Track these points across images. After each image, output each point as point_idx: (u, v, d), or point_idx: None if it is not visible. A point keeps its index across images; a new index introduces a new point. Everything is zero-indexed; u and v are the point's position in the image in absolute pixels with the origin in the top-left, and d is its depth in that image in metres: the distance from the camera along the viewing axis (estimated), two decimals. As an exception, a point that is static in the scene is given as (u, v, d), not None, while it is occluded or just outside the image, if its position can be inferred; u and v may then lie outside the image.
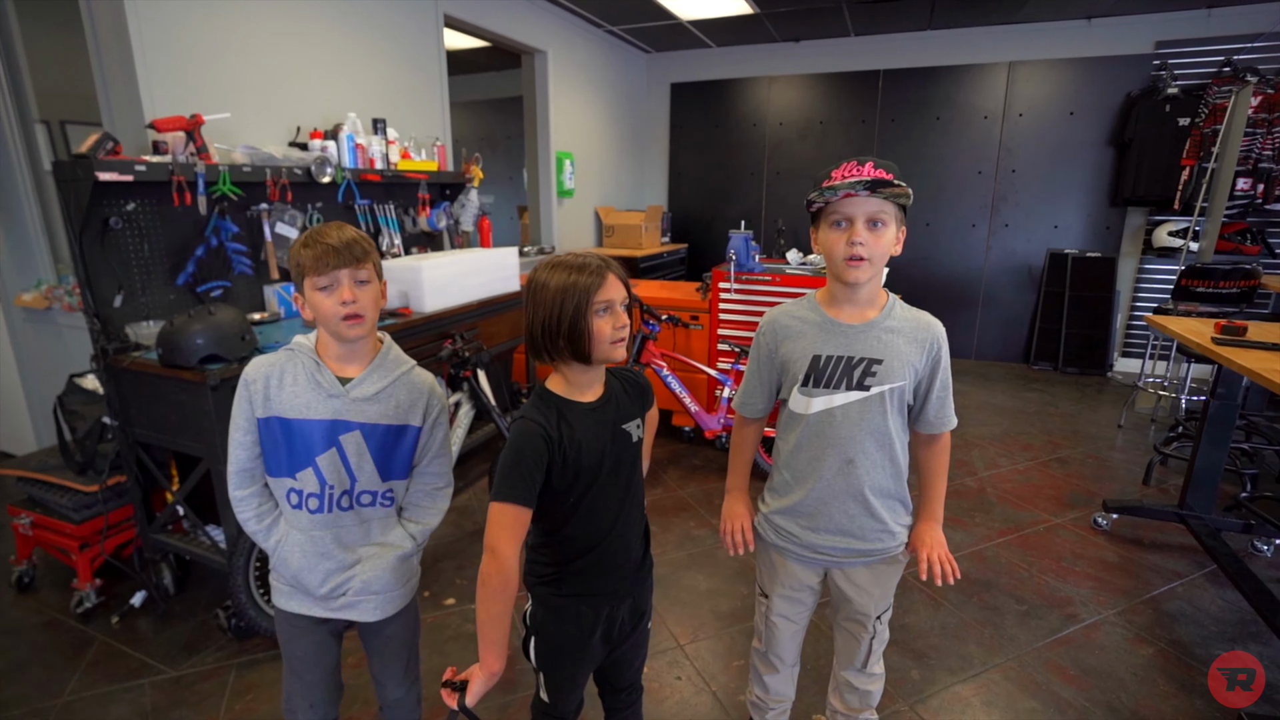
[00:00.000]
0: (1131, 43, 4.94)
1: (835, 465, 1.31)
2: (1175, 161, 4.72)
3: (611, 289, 1.14)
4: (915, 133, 5.63)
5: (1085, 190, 5.27)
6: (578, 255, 1.16)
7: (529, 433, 1.13)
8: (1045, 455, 3.74)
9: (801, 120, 6.00)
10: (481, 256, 3.22)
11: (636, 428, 1.27)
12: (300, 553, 1.30)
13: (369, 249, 1.25)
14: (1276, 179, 4.41)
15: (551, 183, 5.06)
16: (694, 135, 6.43)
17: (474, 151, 3.78)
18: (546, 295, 1.13)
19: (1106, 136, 5.10)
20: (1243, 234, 4.67)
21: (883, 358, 1.27)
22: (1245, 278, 3.67)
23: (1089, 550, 2.75)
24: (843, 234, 1.22)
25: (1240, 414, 3.09)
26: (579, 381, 1.20)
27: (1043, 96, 5.24)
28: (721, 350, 3.57)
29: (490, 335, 3.23)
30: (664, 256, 5.74)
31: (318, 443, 1.26)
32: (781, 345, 1.35)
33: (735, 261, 3.46)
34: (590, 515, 1.21)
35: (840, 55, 5.77)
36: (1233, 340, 2.32)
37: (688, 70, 6.32)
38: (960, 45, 5.39)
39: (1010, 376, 5.26)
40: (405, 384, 1.31)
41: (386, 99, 3.48)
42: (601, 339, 1.14)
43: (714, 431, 3.43)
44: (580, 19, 5.14)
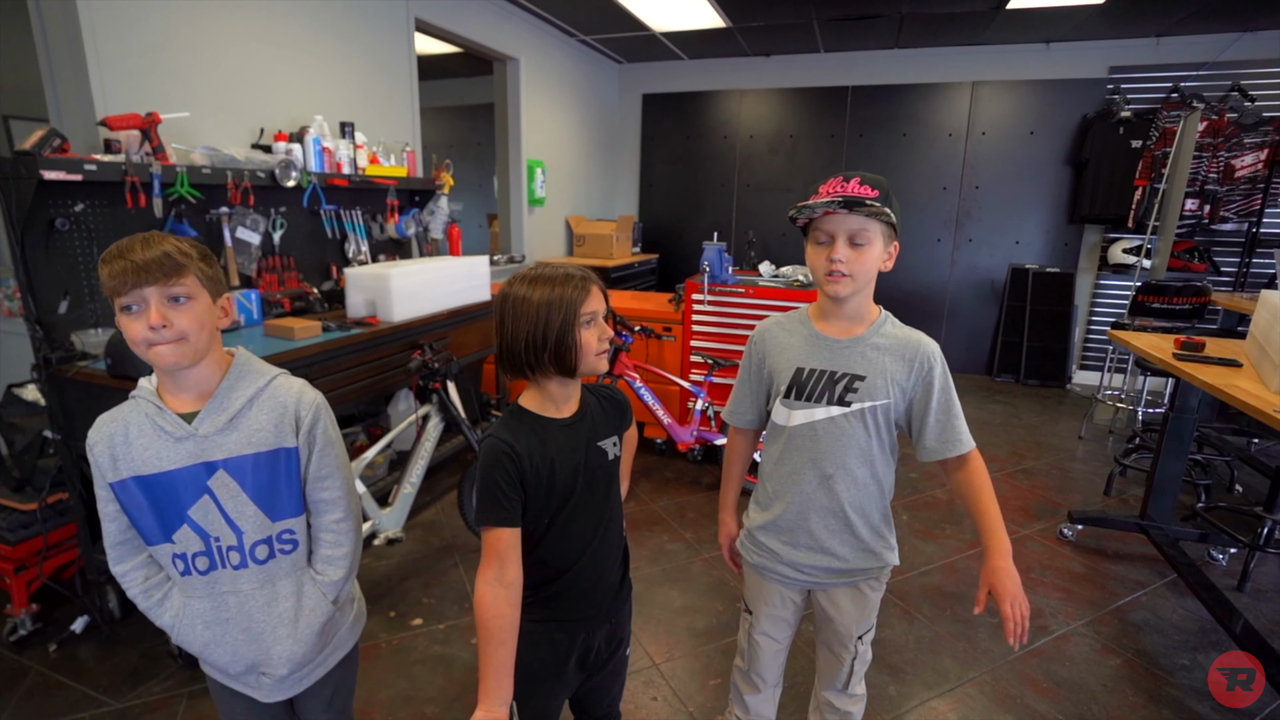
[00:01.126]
0: (1087, 67, 5.11)
1: (814, 480, 1.29)
2: (1129, 182, 4.88)
3: (595, 300, 1.13)
4: (882, 148, 5.73)
5: (1045, 207, 5.42)
6: (555, 267, 1.13)
7: (495, 451, 1.10)
8: (1011, 466, 3.80)
9: (772, 134, 6.05)
10: (451, 265, 3.15)
11: (613, 445, 1.23)
12: (204, 624, 1.14)
13: (186, 260, 1.02)
14: (1221, 200, 4.60)
15: (522, 191, 5.00)
16: (666, 146, 6.44)
17: (444, 158, 3.71)
18: (529, 309, 1.09)
19: (1064, 156, 5.26)
20: (1191, 252, 4.85)
21: (865, 374, 1.25)
22: (1197, 294, 3.80)
23: (1056, 561, 2.79)
24: (825, 250, 1.22)
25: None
26: (557, 395, 1.17)
27: (1004, 116, 5.38)
28: (694, 362, 3.55)
29: (460, 345, 3.16)
30: (635, 267, 5.72)
31: (185, 495, 1.08)
32: (769, 355, 1.35)
33: (709, 273, 3.44)
34: (565, 537, 1.17)
35: (810, 71, 5.84)
36: (1193, 356, 2.38)
37: (660, 81, 6.34)
38: (926, 64, 5.51)
39: (975, 388, 5.36)
40: (264, 401, 1.11)
41: (355, 102, 3.39)
42: (588, 351, 1.12)
43: (687, 444, 3.41)
44: (553, 27, 5.11)
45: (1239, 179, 4.53)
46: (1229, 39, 4.72)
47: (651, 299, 4.13)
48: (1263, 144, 4.45)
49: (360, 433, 3.04)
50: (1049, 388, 5.44)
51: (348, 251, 3.18)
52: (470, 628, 2.25)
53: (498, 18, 4.47)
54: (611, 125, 6.48)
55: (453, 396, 2.58)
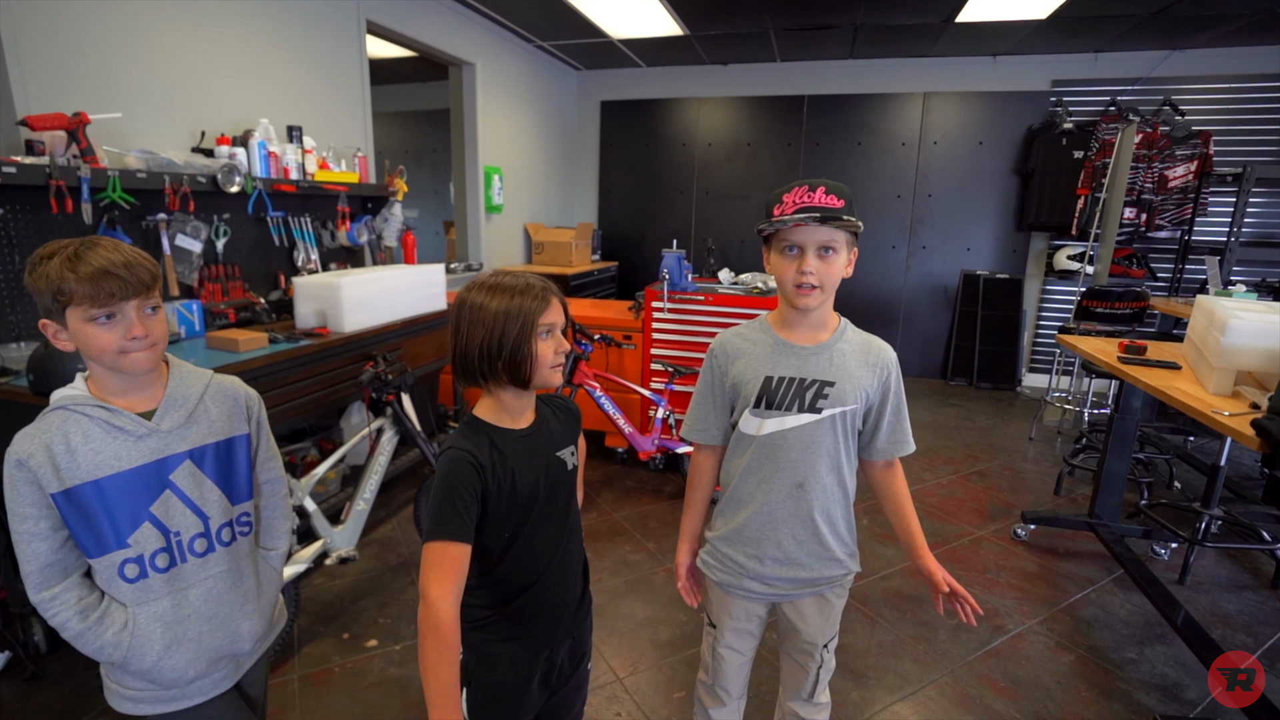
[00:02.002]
0: (1031, 80, 5.31)
1: (784, 488, 1.29)
2: (1071, 191, 5.08)
3: (554, 312, 1.11)
4: (838, 157, 5.84)
5: (994, 215, 5.59)
6: (516, 276, 1.11)
7: (458, 461, 1.07)
8: (966, 469, 3.89)
9: (730, 141, 6.11)
10: (406, 273, 3.08)
11: (571, 455, 1.22)
12: (163, 626, 1.11)
13: (157, 270, 1.08)
14: (1156, 209, 4.82)
15: (479, 198, 4.94)
16: (624, 153, 6.45)
17: (398, 164, 3.63)
18: (486, 317, 1.07)
19: (1011, 166, 5.45)
20: (1130, 259, 5.07)
21: (835, 380, 1.26)
22: (1137, 299, 3.97)
23: (1011, 561, 2.86)
24: (793, 261, 1.21)
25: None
26: (512, 407, 1.15)
27: (955, 126, 5.55)
28: (655, 370, 3.54)
29: (415, 356, 3.08)
30: (594, 274, 5.70)
31: (146, 492, 1.08)
32: (733, 366, 1.32)
33: (668, 280, 3.44)
34: (527, 552, 1.14)
35: (767, 80, 5.93)
36: (1136, 359, 2.47)
37: (618, 89, 6.34)
38: (879, 75, 5.64)
39: (930, 392, 5.48)
40: (215, 395, 1.19)
41: (303, 105, 3.29)
42: (543, 363, 1.10)
43: (648, 453, 3.39)
44: (510, 33, 5.07)
45: (1172, 189, 4.75)
46: (1160, 56, 4.97)
47: (611, 307, 4.11)
48: (1193, 156, 4.68)
49: (311, 447, 2.94)
50: (1000, 390, 5.60)
51: (296, 260, 3.08)
52: (427, 648, 2.18)
53: (453, 22, 4.41)
54: (570, 132, 6.46)
55: (407, 409, 2.51)
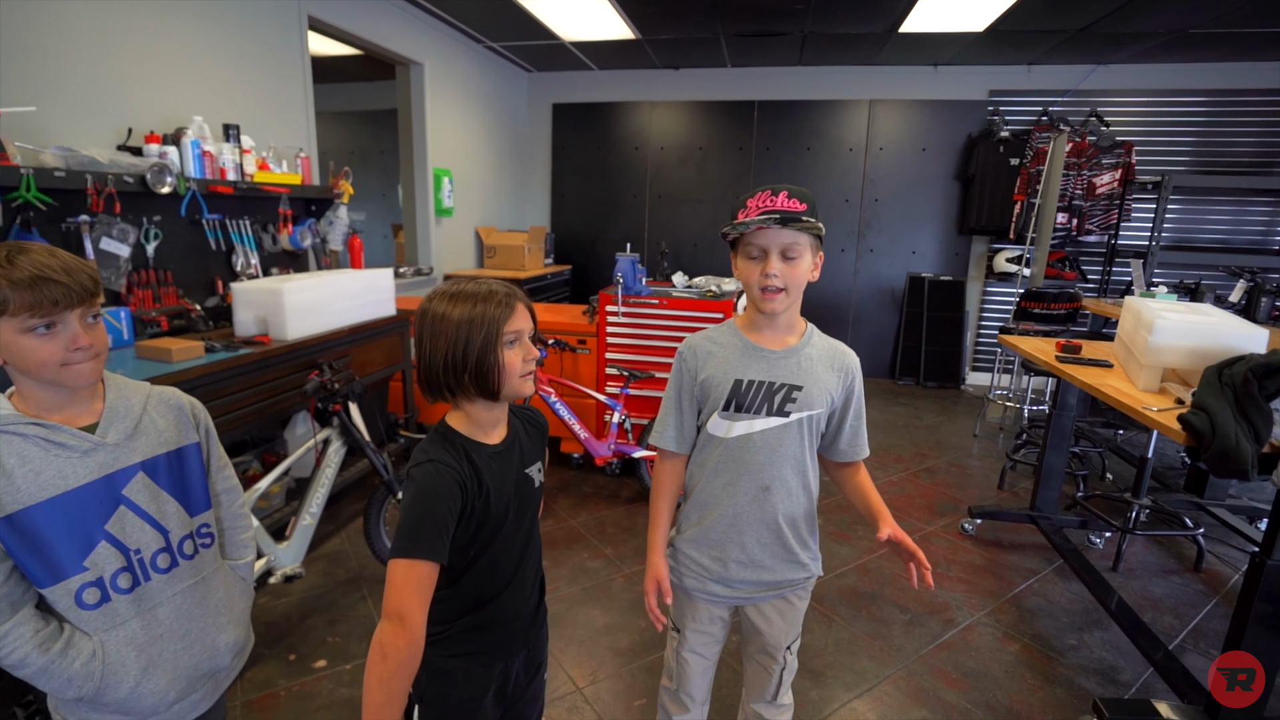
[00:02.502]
0: (969, 89, 5.52)
1: (750, 491, 1.30)
2: (1009, 197, 5.30)
3: (520, 318, 1.08)
4: (788, 162, 5.95)
5: (938, 220, 5.79)
6: (480, 282, 1.08)
7: (444, 479, 1.03)
8: (915, 466, 4.00)
9: (682, 145, 6.16)
10: (352, 278, 3.00)
11: (538, 472, 1.20)
12: (136, 649, 1.06)
13: (98, 275, 1.04)
14: (1086, 214, 5.07)
15: (429, 200, 4.84)
16: (577, 156, 6.43)
17: (344, 165, 3.53)
18: (448, 327, 1.04)
19: (953, 171, 5.65)
20: (1063, 261, 5.32)
21: (803, 384, 1.27)
22: (1070, 300, 4.16)
23: (959, 555, 2.95)
24: (758, 265, 1.22)
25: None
26: (484, 421, 1.12)
27: (899, 133, 5.72)
28: (610, 375, 3.54)
29: (363, 363, 3.00)
30: (548, 278, 5.66)
31: (99, 509, 1.03)
32: (703, 369, 1.33)
33: (622, 284, 3.44)
34: (489, 570, 1.12)
35: (718, 85, 6.00)
36: (1072, 358, 2.59)
37: (570, 91, 6.32)
38: (827, 82, 5.78)
39: (879, 392, 5.63)
40: (158, 405, 1.15)
41: (241, 103, 3.17)
42: (512, 372, 1.07)
43: (604, 458, 3.38)
44: (459, 33, 4.99)
45: (1099, 195, 5.01)
46: (1087, 70, 5.23)
47: (565, 311, 4.09)
48: (1117, 165, 4.95)
49: (253, 461, 2.82)
50: (946, 389, 5.79)
51: (235, 264, 2.95)
52: (380, 665, 2.12)
53: (400, 20, 4.32)
54: (521, 134, 6.41)
55: (355, 418, 2.44)
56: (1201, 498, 3.36)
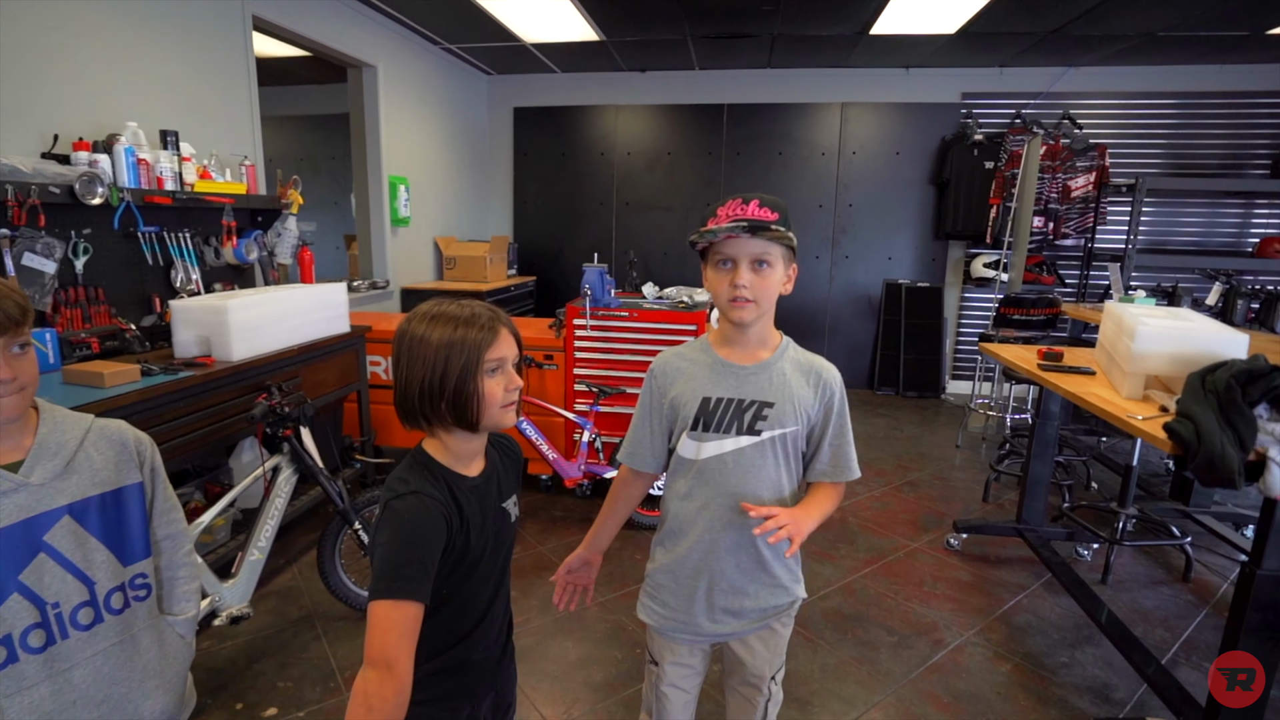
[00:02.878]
0: (942, 92, 5.66)
1: (725, 515, 1.29)
2: (984, 200, 5.43)
3: (503, 345, 1.06)
4: (759, 166, 6.02)
5: (913, 224, 5.90)
6: (463, 305, 1.06)
7: (428, 512, 1.00)
8: (897, 479, 4.05)
9: (650, 150, 6.20)
10: (303, 293, 2.94)
11: (514, 505, 1.19)
12: (39, 719, 0.99)
13: (27, 303, 1.00)
14: (1062, 218, 5.22)
15: (384, 210, 4.78)
16: (540, 163, 6.42)
17: (292, 173, 3.47)
18: (426, 351, 1.02)
19: (928, 176, 5.78)
20: (1041, 266, 5.45)
21: (774, 400, 1.27)
22: (1049, 306, 4.27)
23: (946, 572, 2.98)
24: (727, 275, 1.23)
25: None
26: (463, 452, 1.10)
27: (872, 136, 5.84)
28: (579, 391, 3.51)
29: (315, 385, 2.93)
30: (511, 290, 5.62)
31: (13, 558, 0.98)
32: (672, 387, 1.33)
33: (590, 296, 3.43)
34: (460, 611, 1.09)
35: (686, 88, 6.06)
36: (1054, 366, 2.64)
37: (532, 95, 6.32)
38: (798, 84, 5.88)
39: (859, 403, 5.70)
40: (98, 441, 1.10)
41: (180, 108, 3.09)
42: (492, 403, 1.05)
43: (574, 480, 3.35)
44: (414, 34, 4.96)
45: (1075, 199, 5.17)
46: (1058, 72, 5.41)
47: (530, 325, 4.06)
48: (1091, 168, 5.11)
49: (195, 492, 2.73)
50: (926, 399, 5.88)
51: (174, 280, 2.87)
52: (336, 711, 2.05)
53: (350, 21, 4.28)
54: (481, 140, 6.38)
55: (307, 444, 2.38)
56: (1187, 505, 3.46)
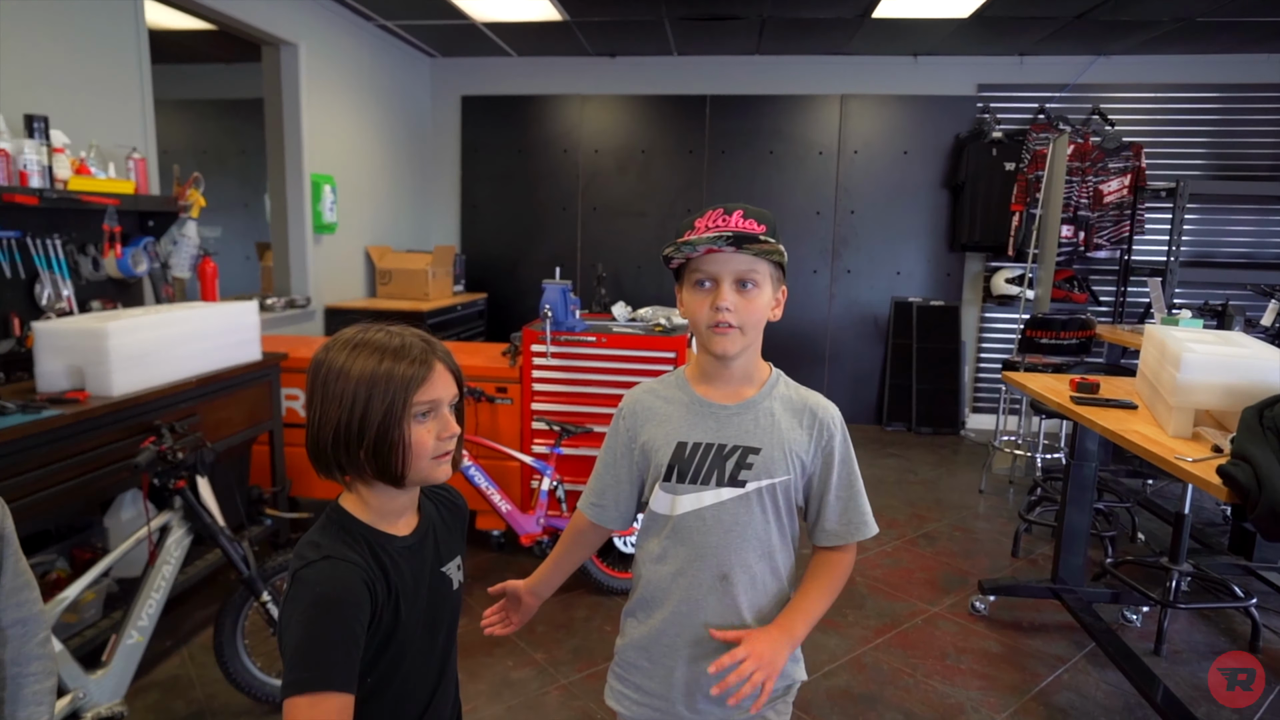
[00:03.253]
0: (955, 83, 5.81)
1: (706, 581, 1.27)
2: (1005, 207, 5.55)
3: (438, 384, 1.03)
4: (747, 167, 6.09)
5: (925, 234, 6.00)
6: (393, 332, 1.03)
7: (347, 580, 0.96)
8: (912, 531, 4.04)
9: (621, 148, 6.24)
10: (204, 314, 2.89)
11: (457, 570, 1.16)
12: None
13: None
14: (1094, 227, 5.35)
15: (305, 214, 4.72)
16: (492, 161, 6.42)
17: (192, 169, 3.41)
18: (344, 387, 0.98)
19: (940, 178, 5.90)
20: (1071, 281, 5.57)
21: (760, 445, 1.25)
22: (1082, 328, 4.34)
23: (972, 642, 2.96)
24: (707, 296, 1.22)
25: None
26: (387, 509, 1.06)
27: (876, 133, 5.95)
28: (537, 430, 3.47)
29: (216, 424, 2.85)
30: (458, 310, 5.58)
31: None
32: (643, 430, 1.32)
33: (551, 318, 3.41)
34: (396, 704, 1.05)
35: (662, 76, 6.13)
36: (1090, 399, 2.67)
37: (483, 82, 6.34)
38: (791, 74, 5.98)
39: (865, 441, 5.71)
40: None
41: (50, 89, 3.02)
42: (421, 453, 1.01)
43: (531, 535, 3.31)
44: (344, 7, 4.95)
45: (1108, 204, 5.31)
46: (1086, 61, 5.59)
47: (480, 351, 4.03)
48: (1125, 169, 5.26)
49: (58, 559, 2.61)
50: (943, 435, 5.92)
51: (39, 297, 2.79)
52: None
53: (265, -8, 4.25)
54: (423, 133, 6.37)
55: (205, 497, 2.31)
56: (1250, 560, 3.49)
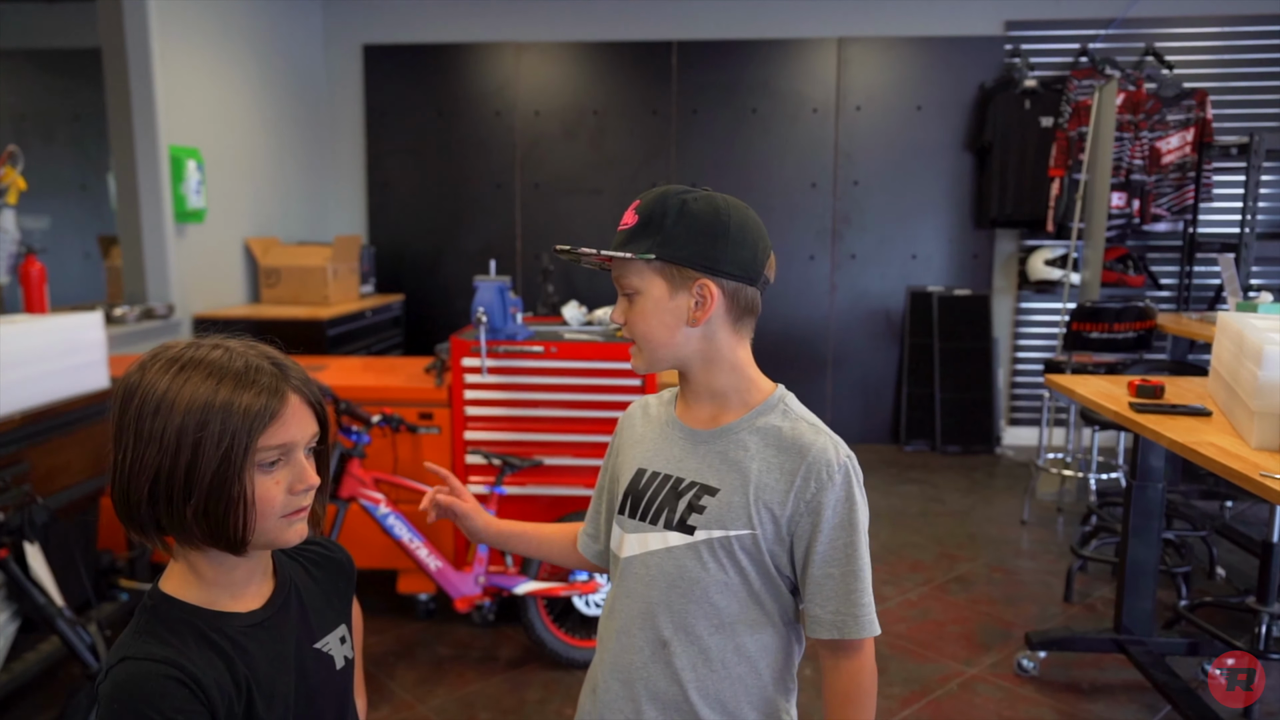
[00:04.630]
0: (979, 22, 5.91)
1: (648, 646, 1.27)
2: (1042, 171, 5.65)
3: (294, 422, 0.99)
4: (724, 129, 6.14)
5: (945, 208, 6.09)
6: (230, 349, 0.99)
7: (148, 680, 0.91)
8: (941, 575, 4.07)
9: (568, 108, 6.24)
10: (28, 330, 2.82)
11: (341, 643, 1.13)
12: None
13: None
14: (1151, 193, 5.46)
15: (163, 198, 4.64)
16: (405, 126, 6.39)
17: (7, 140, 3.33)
18: (166, 420, 0.93)
19: (962, 139, 5.99)
20: (1124, 260, 5.68)
21: (719, 486, 1.24)
22: (1139, 318, 4.42)
23: (1020, 710, 2.98)
24: None
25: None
26: (227, 579, 1.02)
27: (883, 85, 6.03)
28: (473, 465, 3.45)
29: (52, 472, 2.79)
30: (367, 316, 5.53)
31: None
32: (622, 447, 1.42)
33: (486, 324, 3.38)
34: None
35: (618, 19, 6.15)
36: (1152, 405, 2.70)
37: (390, 28, 6.31)
38: (777, 13, 6.05)
39: (879, 464, 5.76)
40: None
41: None
42: (267, 512, 0.97)
43: (469, 599, 3.28)
44: (206, -63, 4.89)
45: (1167, 166, 5.42)
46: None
47: (398, 368, 4.01)
48: (1187, 122, 5.38)
49: None
50: (975, 454, 6.00)
51: None
52: None
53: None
54: (316, 93, 6.32)
55: (35, 569, 2.25)
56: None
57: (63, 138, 6.74)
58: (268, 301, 5.31)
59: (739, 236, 1.21)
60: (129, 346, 4.33)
